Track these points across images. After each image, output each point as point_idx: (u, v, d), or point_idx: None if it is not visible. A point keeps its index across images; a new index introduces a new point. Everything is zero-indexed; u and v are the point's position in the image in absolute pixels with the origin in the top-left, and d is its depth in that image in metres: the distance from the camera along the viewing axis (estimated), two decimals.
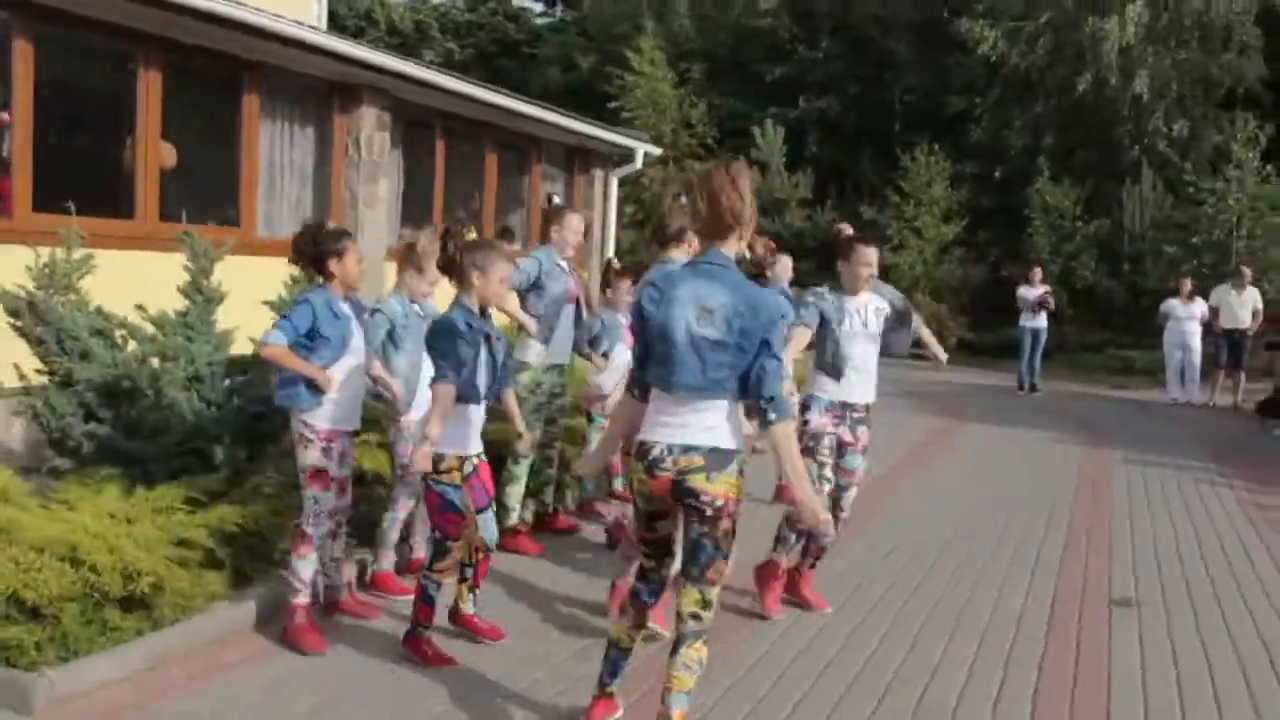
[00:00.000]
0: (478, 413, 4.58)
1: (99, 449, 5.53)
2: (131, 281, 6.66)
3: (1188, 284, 15.94)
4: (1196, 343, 15.64)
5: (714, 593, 3.60)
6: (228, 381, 6.18)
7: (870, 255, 5.39)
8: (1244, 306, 15.15)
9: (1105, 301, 21.97)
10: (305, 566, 4.71)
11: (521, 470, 6.18)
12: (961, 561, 6.67)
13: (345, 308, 4.84)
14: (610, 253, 15.64)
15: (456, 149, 12.65)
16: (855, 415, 5.42)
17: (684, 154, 25.45)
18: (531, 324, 6.05)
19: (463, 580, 4.81)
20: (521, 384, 6.06)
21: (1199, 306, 15.64)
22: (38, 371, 5.81)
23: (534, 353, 6.19)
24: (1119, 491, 9.11)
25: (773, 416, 3.46)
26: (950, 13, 25.08)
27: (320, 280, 4.83)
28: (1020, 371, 16.45)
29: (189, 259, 6.48)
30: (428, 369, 4.88)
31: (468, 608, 4.83)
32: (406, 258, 5.39)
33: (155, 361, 5.98)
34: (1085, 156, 23.10)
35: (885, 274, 22.57)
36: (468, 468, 4.54)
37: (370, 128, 10.73)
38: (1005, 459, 10.51)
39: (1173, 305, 15.83)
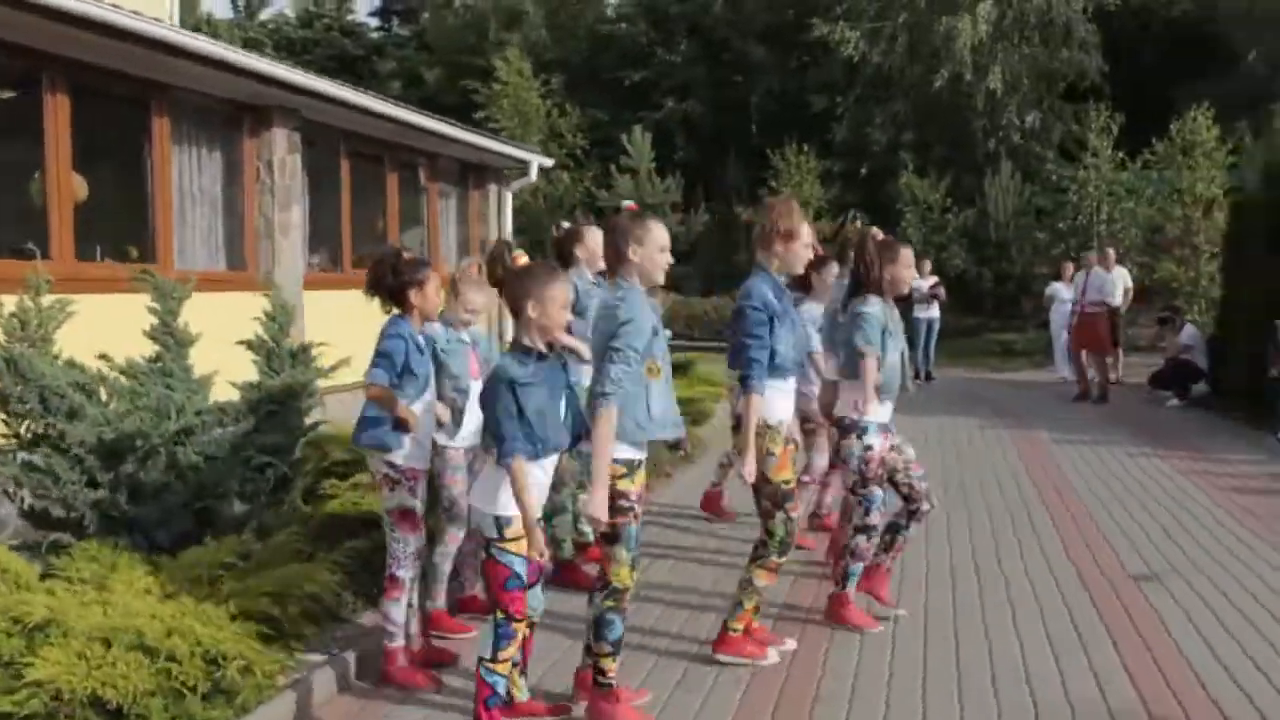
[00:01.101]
0: (548, 468, 3.90)
1: (101, 517, 4.96)
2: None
3: (1069, 267, 16.60)
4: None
5: None
6: (219, 431, 5.67)
7: (911, 256, 5.33)
8: (1114, 285, 15.85)
9: (975, 288, 22.80)
10: (397, 609, 4.48)
11: (567, 499, 5.91)
12: (977, 546, 6.72)
13: (422, 341, 4.58)
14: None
15: (361, 170, 12.11)
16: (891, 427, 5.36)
17: (555, 165, 25.20)
18: (584, 348, 5.76)
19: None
20: None
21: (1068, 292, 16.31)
22: (10, 436, 5.20)
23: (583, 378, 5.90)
24: (1070, 473, 9.34)
25: None
26: (805, 15, 25.60)
27: (398, 312, 4.55)
28: (916, 361, 16.83)
29: (154, 299, 5.94)
30: (474, 394, 4.68)
31: (522, 695, 4.16)
32: (451, 284, 5.09)
33: (143, 416, 5.42)
34: (945, 150, 23.94)
35: None
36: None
37: (282, 150, 10.14)
38: (942, 446, 10.68)
39: (1057, 288, 16.48)
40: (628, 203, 4.32)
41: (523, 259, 4.25)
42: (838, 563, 5.44)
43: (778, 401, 4.61)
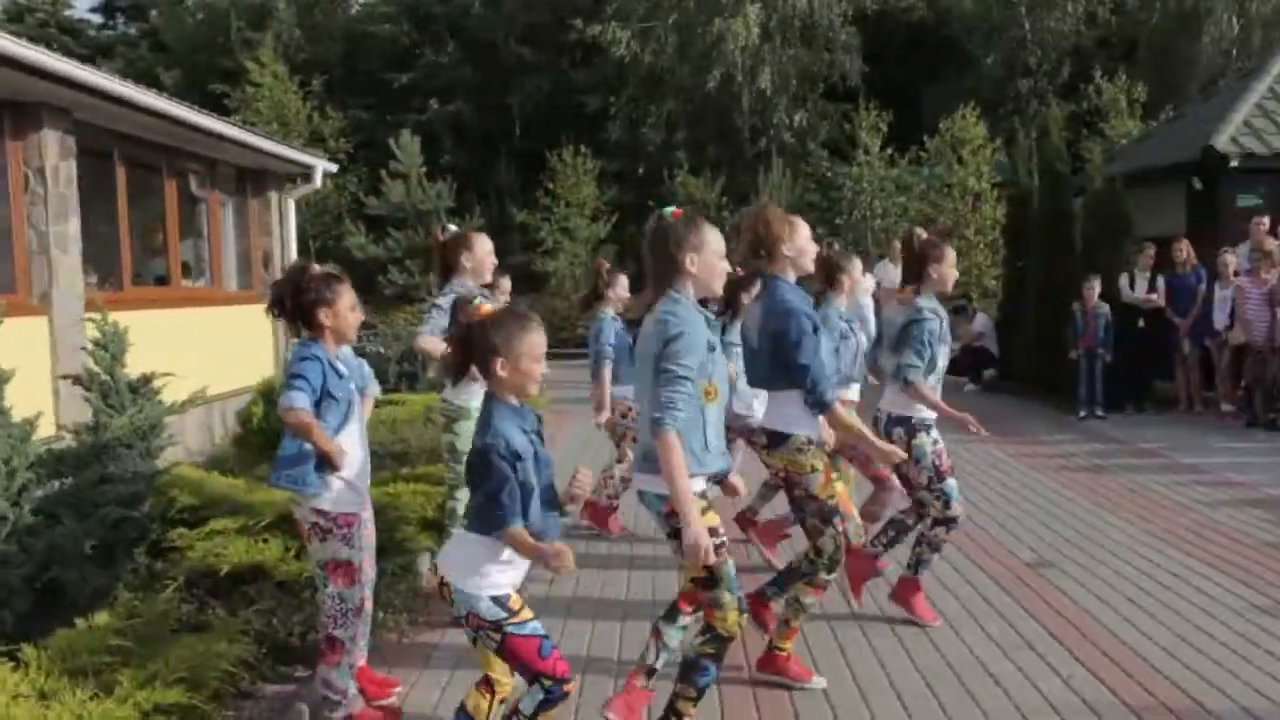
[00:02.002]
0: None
1: None
2: None
3: (859, 262, 17.07)
4: (871, 314, 16.77)
5: None
6: (58, 484, 4.78)
7: (954, 255, 5.30)
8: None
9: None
10: (340, 675, 3.93)
11: None
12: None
13: (342, 365, 3.96)
14: None
15: (137, 178, 10.89)
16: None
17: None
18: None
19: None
20: (460, 435, 5.23)
21: (872, 281, 16.80)
22: None
23: (479, 396, 5.32)
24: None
25: None
26: (566, 16, 25.43)
27: (309, 334, 3.95)
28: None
29: None
30: None
31: None
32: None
33: None
34: (718, 149, 24.33)
35: (545, 280, 22.87)
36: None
37: (54, 155, 8.92)
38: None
39: None
40: (671, 209, 3.78)
41: (486, 308, 3.47)
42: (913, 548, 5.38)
43: (811, 417, 4.37)
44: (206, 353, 10.00)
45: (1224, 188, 11.82)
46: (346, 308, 4.03)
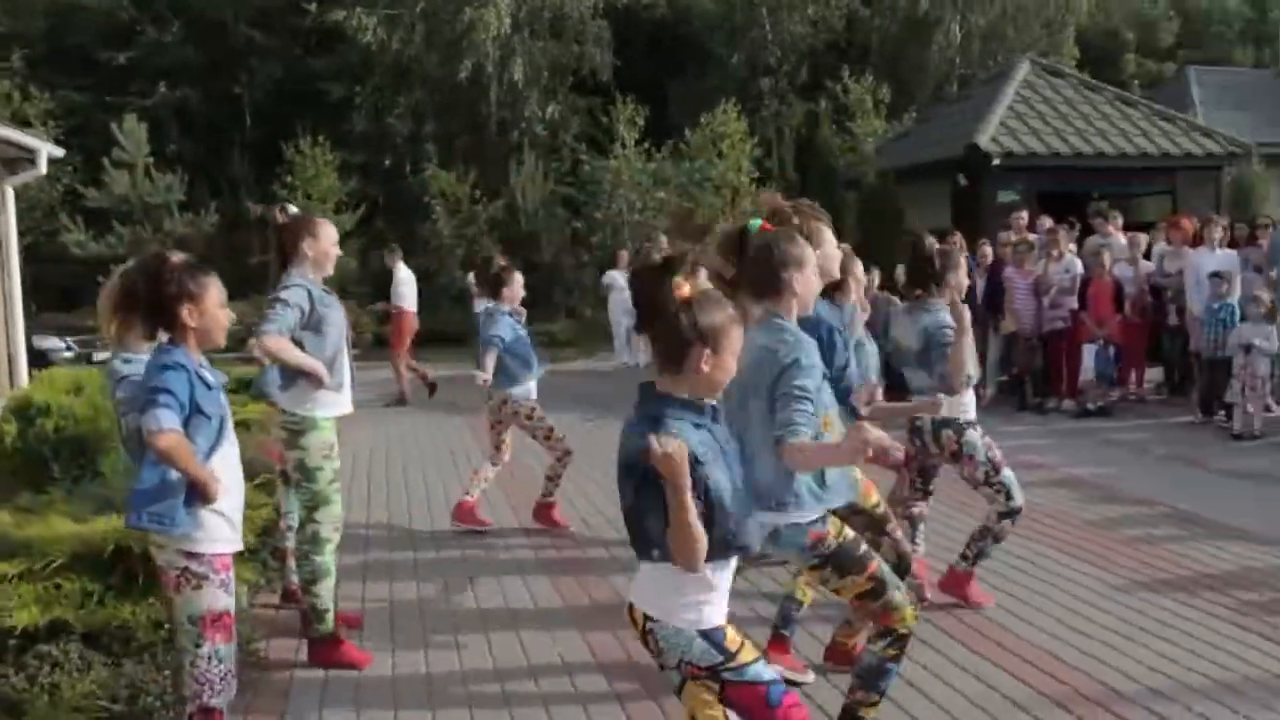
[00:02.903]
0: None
1: None
2: None
3: (624, 255, 17.03)
4: None
5: None
6: None
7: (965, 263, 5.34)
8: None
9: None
10: None
11: (330, 558, 4.68)
12: None
13: (210, 374, 3.31)
14: (14, 280, 12.71)
15: None
16: None
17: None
18: (321, 369, 4.56)
19: None
20: (310, 450, 4.59)
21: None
22: None
23: (325, 405, 4.67)
24: None
25: None
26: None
27: (168, 338, 3.33)
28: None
29: None
30: None
31: None
32: None
33: None
34: (468, 141, 23.68)
35: None
36: None
37: None
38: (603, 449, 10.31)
39: (614, 276, 16.80)
40: (758, 221, 3.36)
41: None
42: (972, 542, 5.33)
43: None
44: None
45: (986, 185, 12.48)
46: (215, 304, 3.39)
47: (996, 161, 12.07)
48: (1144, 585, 5.60)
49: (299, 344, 4.58)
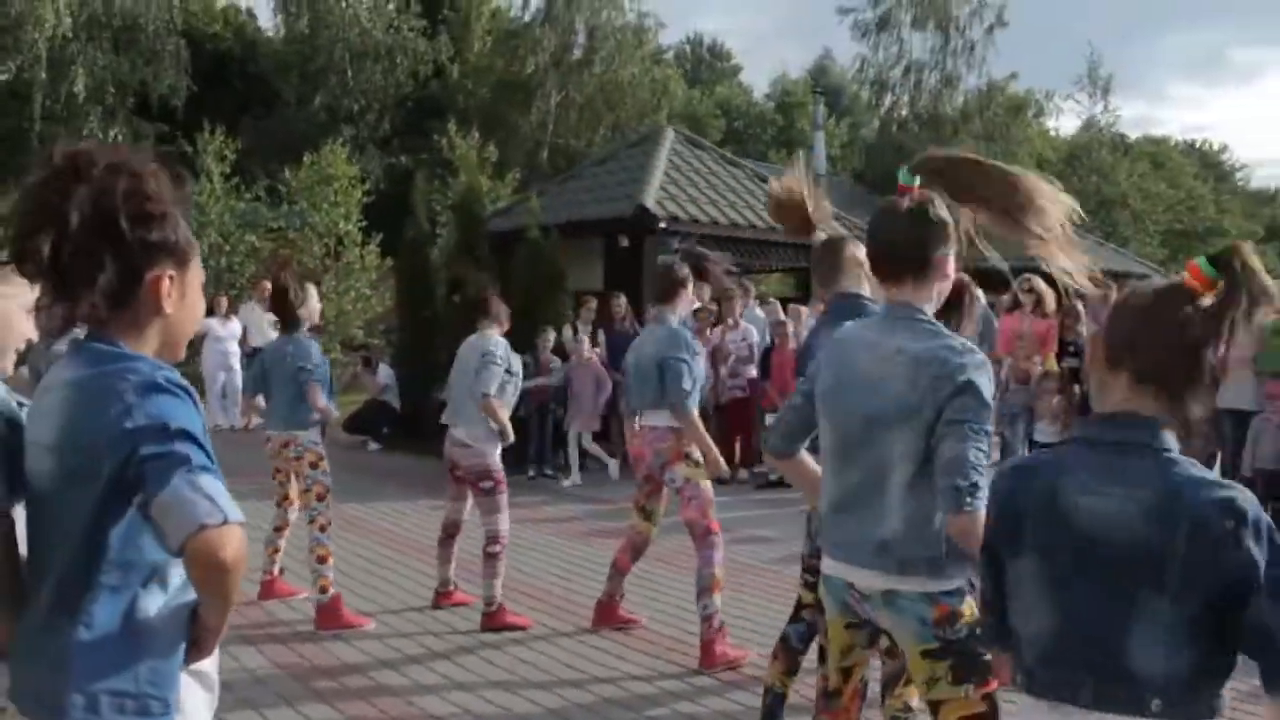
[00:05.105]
0: None
1: None
2: None
3: (225, 301, 14.87)
4: (237, 363, 14.58)
5: None
6: None
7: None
8: (271, 325, 14.61)
9: None
10: None
11: None
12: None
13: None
14: None
15: None
16: None
17: None
18: None
19: None
20: None
21: (237, 325, 14.71)
22: None
23: None
24: (423, 538, 8.08)
25: None
26: None
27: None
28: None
29: None
30: None
31: None
32: None
33: None
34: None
35: None
36: None
37: None
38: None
39: (210, 324, 14.46)
40: (916, 182, 2.32)
41: None
42: None
43: None
44: None
45: (648, 246, 12.10)
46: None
47: (663, 225, 11.71)
48: None
49: None
